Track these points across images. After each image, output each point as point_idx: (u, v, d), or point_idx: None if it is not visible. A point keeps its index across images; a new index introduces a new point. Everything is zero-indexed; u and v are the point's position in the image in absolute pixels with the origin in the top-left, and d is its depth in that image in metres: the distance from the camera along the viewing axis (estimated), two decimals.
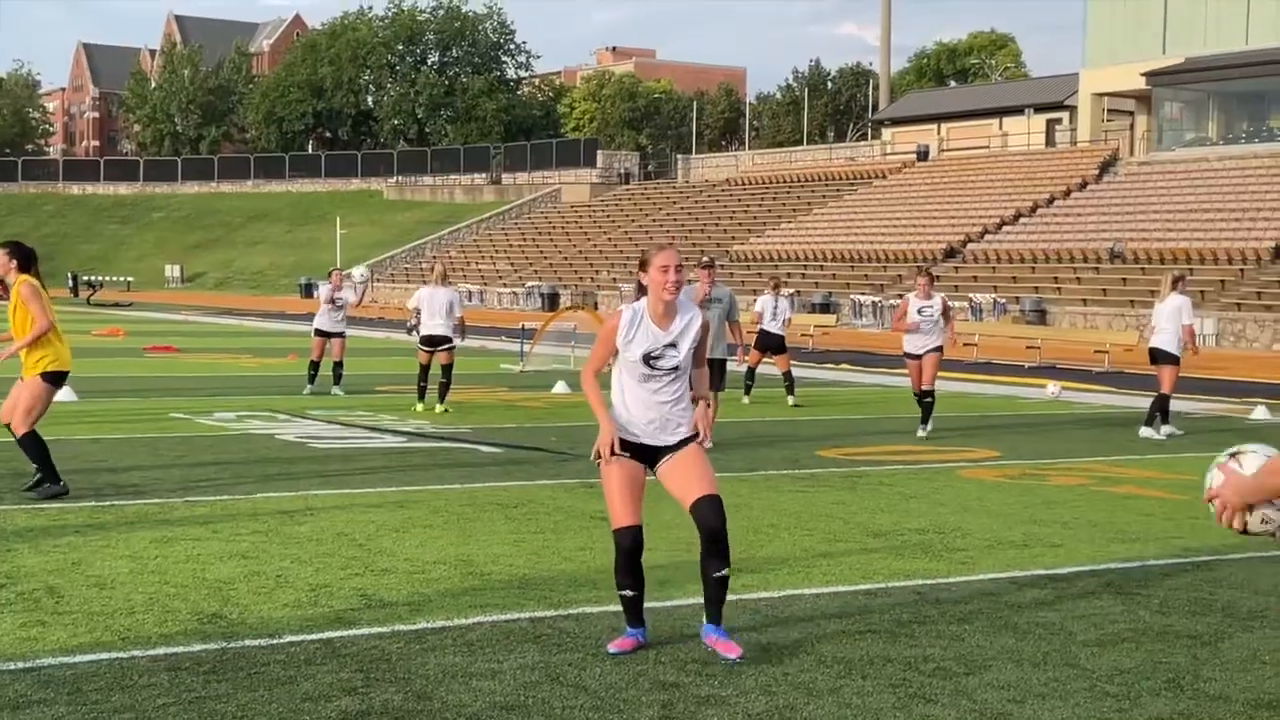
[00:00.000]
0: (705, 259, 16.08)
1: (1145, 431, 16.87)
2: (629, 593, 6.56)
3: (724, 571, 6.43)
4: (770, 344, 21.40)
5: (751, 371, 21.05)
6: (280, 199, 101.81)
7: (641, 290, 6.55)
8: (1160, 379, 16.94)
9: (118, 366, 25.51)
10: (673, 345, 6.45)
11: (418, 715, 5.53)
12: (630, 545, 6.50)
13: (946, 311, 16.75)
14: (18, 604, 7.20)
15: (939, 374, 17.14)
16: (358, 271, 43.13)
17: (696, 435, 6.60)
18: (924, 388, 16.50)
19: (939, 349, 16.62)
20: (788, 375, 20.98)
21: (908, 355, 16.75)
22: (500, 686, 5.92)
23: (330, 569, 8.18)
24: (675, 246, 6.65)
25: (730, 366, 16.73)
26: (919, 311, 16.52)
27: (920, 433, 16.33)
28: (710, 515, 6.42)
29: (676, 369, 6.47)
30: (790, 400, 20.40)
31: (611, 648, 6.48)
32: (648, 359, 6.44)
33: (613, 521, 6.57)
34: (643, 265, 6.51)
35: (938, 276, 16.00)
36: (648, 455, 6.59)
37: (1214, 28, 56.05)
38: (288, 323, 47.00)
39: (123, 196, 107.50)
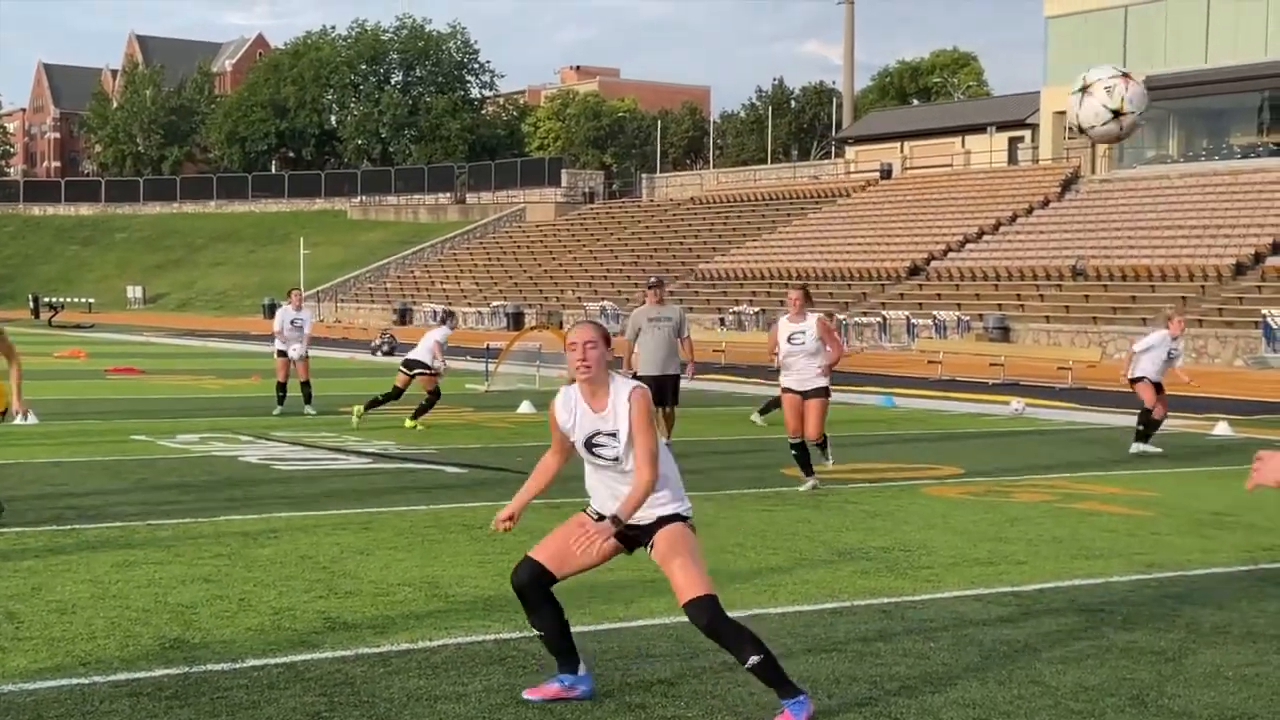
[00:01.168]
0: (652, 279, 16.44)
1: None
2: (538, 633, 6.12)
3: (746, 663, 5.70)
4: None
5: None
6: (243, 219, 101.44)
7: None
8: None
9: (79, 389, 25.33)
10: (612, 434, 5.86)
11: None
12: (517, 581, 6.06)
13: (829, 333, 13.28)
14: None
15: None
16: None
17: (675, 515, 5.93)
18: (813, 440, 13.30)
19: (824, 392, 13.18)
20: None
21: (785, 390, 13.32)
22: (465, 709, 5.89)
23: (294, 592, 8.13)
24: (594, 324, 5.99)
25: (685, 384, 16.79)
26: (789, 339, 13.05)
27: (826, 463, 14.04)
28: (697, 619, 5.73)
29: (618, 459, 5.87)
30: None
31: (527, 694, 6.03)
32: (588, 445, 5.94)
33: None
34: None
35: (810, 293, 13.79)
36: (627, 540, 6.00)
37: (1174, 46, 56.53)
38: (251, 344, 46.78)
39: (84, 217, 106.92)
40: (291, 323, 20.66)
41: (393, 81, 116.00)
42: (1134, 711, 6.05)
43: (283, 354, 20.80)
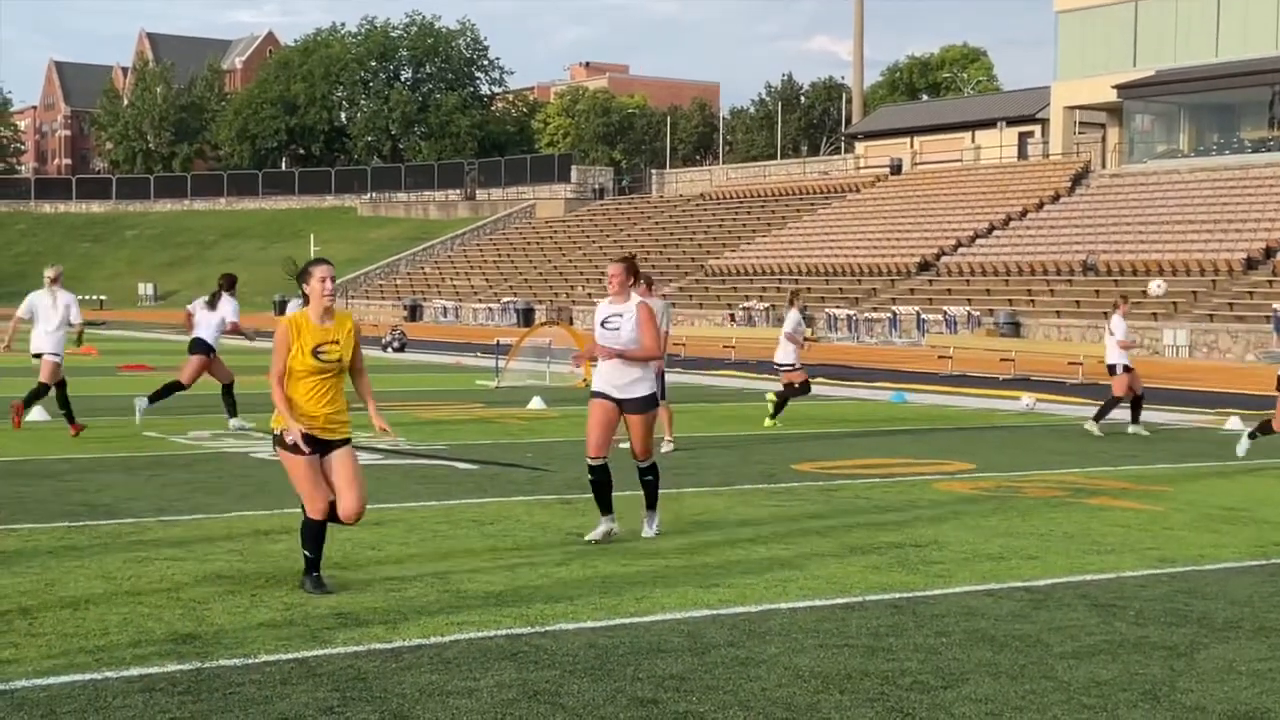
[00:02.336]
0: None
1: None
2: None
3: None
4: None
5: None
6: (253, 216, 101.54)
7: None
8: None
9: (91, 385, 25.37)
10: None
11: None
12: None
13: (647, 326, 9.91)
14: None
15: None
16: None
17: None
18: (638, 461, 10.20)
19: (650, 401, 10.03)
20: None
21: (593, 394, 10.14)
22: (477, 704, 5.90)
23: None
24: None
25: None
26: (603, 323, 10.00)
27: (647, 531, 10.23)
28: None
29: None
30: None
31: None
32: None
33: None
34: None
35: (639, 269, 10.18)
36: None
37: (1184, 40, 56.39)
38: (262, 340, 46.84)
39: (95, 215, 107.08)
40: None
41: (402, 78, 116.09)
42: (1146, 706, 6.04)
43: None
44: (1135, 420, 18.86)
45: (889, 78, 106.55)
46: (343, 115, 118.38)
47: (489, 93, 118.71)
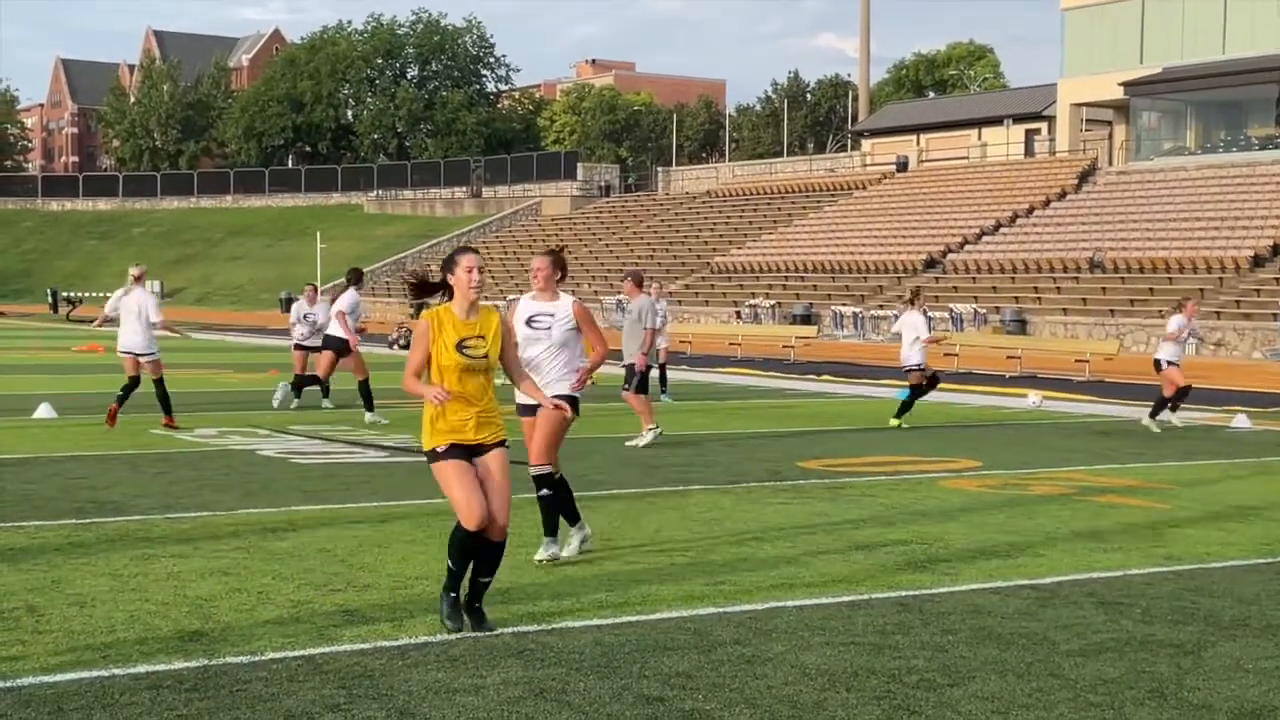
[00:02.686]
0: (632, 271, 17.38)
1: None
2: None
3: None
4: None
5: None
6: (260, 214, 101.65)
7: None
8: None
9: (97, 383, 25.39)
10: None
11: None
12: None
13: (592, 322, 9.45)
14: None
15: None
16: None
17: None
18: (533, 469, 9.35)
19: (570, 402, 9.15)
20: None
21: (519, 410, 9.54)
22: (483, 702, 5.90)
23: (312, 585, 8.15)
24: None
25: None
26: (528, 321, 9.32)
27: (541, 553, 9.08)
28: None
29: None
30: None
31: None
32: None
33: None
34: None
35: (563, 267, 9.19)
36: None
37: (1191, 38, 56.32)
38: (268, 338, 46.91)
39: (102, 212, 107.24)
40: (304, 317, 20.87)
41: (408, 76, 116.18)
42: (1153, 704, 6.04)
43: (300, 348, 20.95)
44: (1173, 409, 19.29)
45: (895, 75, 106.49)
46: (349, 113, 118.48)
47: (495, 90, 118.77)
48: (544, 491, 9.18)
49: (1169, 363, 19.01)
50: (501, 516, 7.29)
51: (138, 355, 17.19)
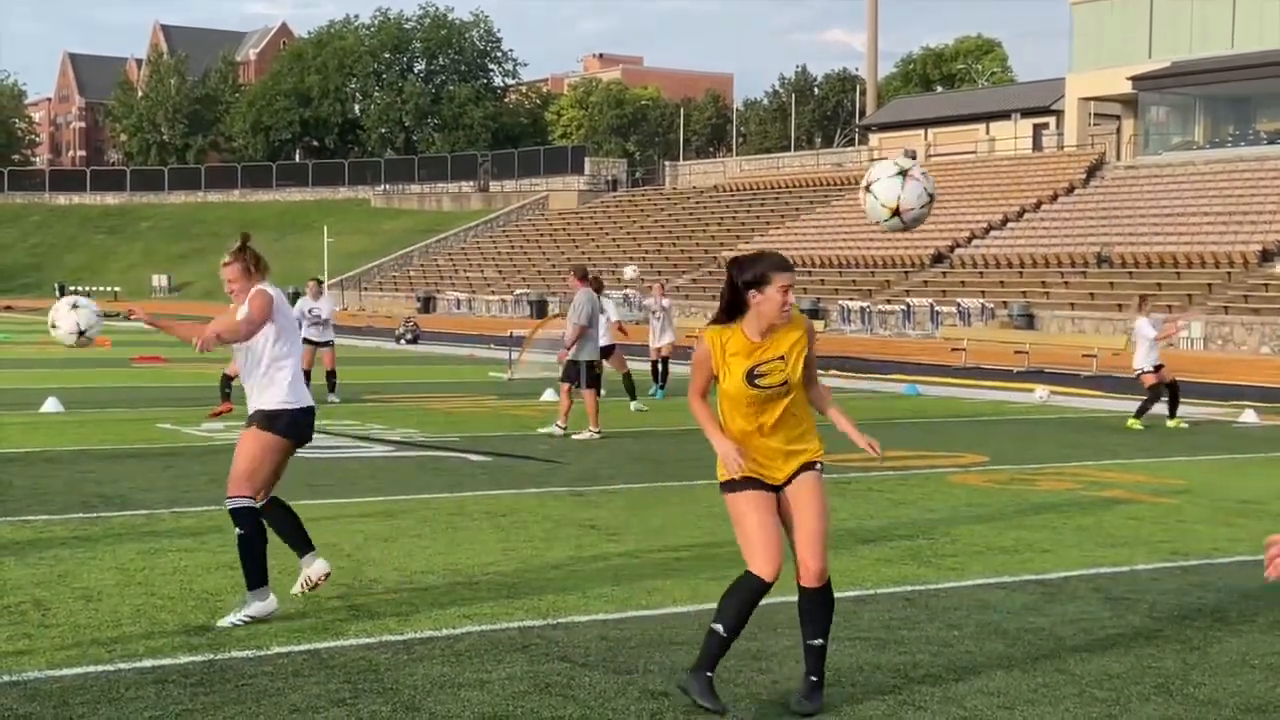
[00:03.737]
0: (578, 267, 17.20)
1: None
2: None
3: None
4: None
5: None
6: (267, 208, 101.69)
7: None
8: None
9: (105, 377, 25.44)
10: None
11: None
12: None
13: (257, 305, 7.70)
14: (4, 617, 7.17)
15: None
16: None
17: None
18: (228, 500, 7.65)
19: (259, 418, 7.77)
20: None
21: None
22: (488, 697, 5.90)
23: None
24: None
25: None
26: (309, 312, 8.67)
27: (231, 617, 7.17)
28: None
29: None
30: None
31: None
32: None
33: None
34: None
35: (260, 260, 7.52)
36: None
37: (1200, 32, 56.20)
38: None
39: (110, 206, 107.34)
40: (309, 311, 20.68)
41: (416, 70, 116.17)
42: (1159, 700, 6.03)
43: (307, 342, 20.92)
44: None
45: (903, 69, 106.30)
46: (356, 107, 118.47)
47: (502, 85, 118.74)
48: (239, 532, 7.38)
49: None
50: (819, 561, 6.05)
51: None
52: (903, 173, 7.15)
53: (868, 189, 7.31)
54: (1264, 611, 7.75)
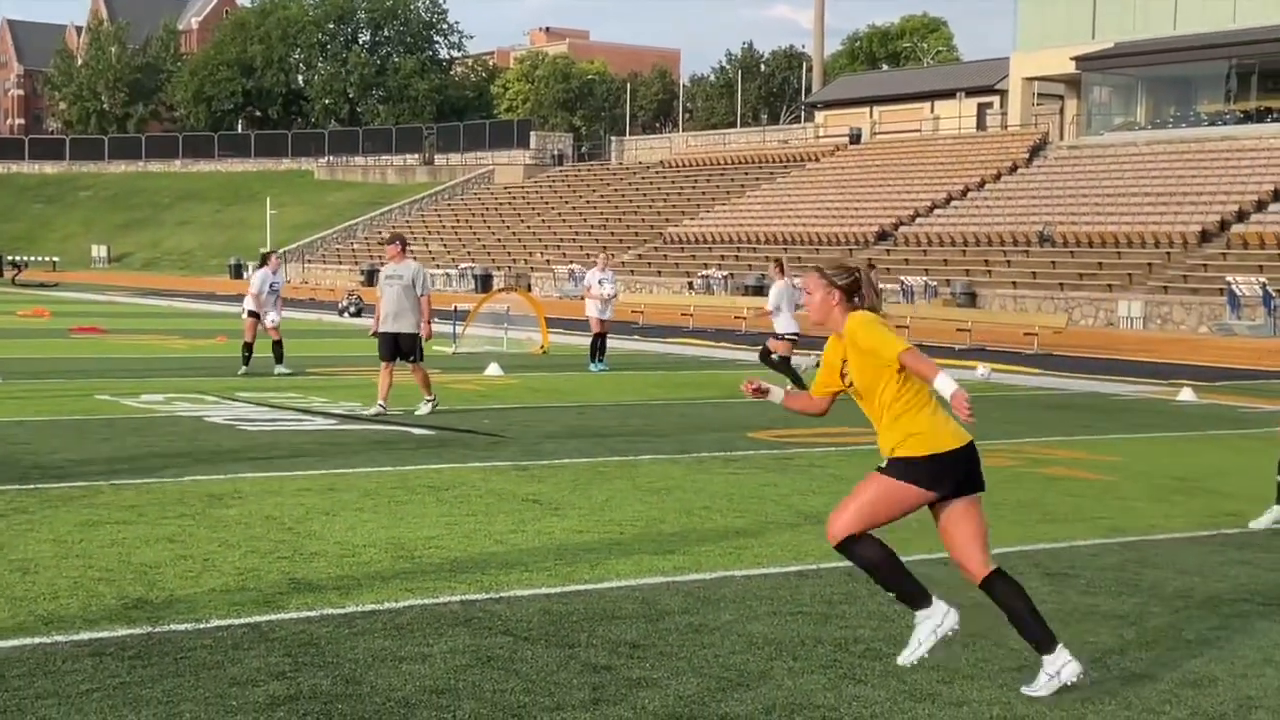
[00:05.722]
0: (388, 235, 16.59)
1: None
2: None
3: None
4: None
5: None
6: (209, 178, 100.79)
7: None
8: None
9: (43, 348, 25.16)
10: None
11: (347, 700, 5.48)
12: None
13: None
14: None
15: None
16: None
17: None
18: None
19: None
20: None
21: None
22: (430, 670, 5.88)
23: (258, 553, 8.10)
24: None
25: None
26: (273, 287, 12.21)
27: None
28: None
29: None
30: None
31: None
32: None
33: None
34: None
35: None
36: None
37: (1143, 13, 56.60)
38: (217, 304, 46.57)
39: (48, 175, 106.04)
40: (271, 286, 20.87)
41: (360, 41, 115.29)
42: (1096, 674, 6.09)
43: (254, 315, 20.86)
44: None
45: (849, 47, 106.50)
46: (300, 78, 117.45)
47: (448, 57, 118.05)
48: None
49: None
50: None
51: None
52: None
53: None
54: (1200, 588, 7.84)
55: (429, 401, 15.86)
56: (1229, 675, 6.15)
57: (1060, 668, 5.72)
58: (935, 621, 5.82)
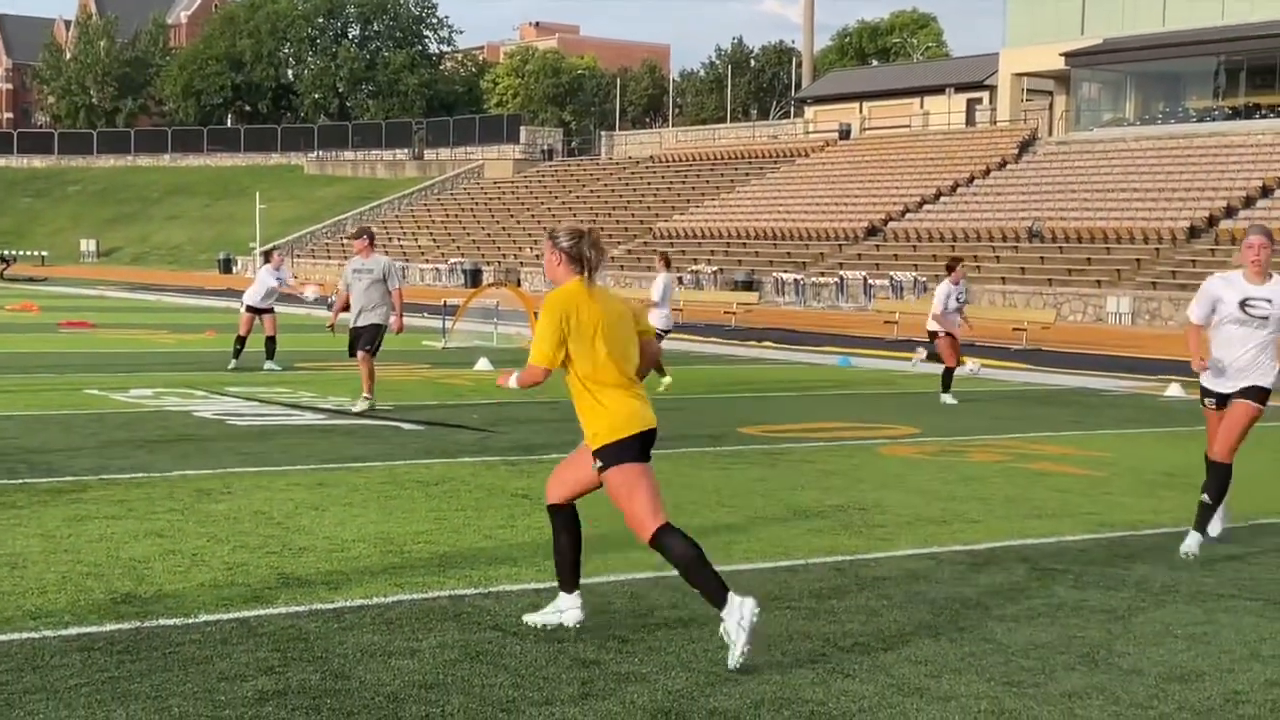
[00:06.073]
0: (357, 230, 16.42)
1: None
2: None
3: None
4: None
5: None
6: (198, 173, 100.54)
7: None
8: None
9: (32, 342, 25.11)
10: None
11: (335, 694, 5.48)
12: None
13: None
14: None
15: None
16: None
17: None
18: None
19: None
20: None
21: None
22: (419, 665, 5.89)
23: (247, 548, 8.10)
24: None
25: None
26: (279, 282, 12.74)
27: None
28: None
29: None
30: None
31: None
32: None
33: None
34: None
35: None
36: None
37: (1132, 9, 56.67)
38: (206, 298, 46.47)
39: (37, 169, 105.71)
40: (277, 280, 21.28)
41: (350, 36, 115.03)
42: (1084, 669, 6.11)
43: (251, 309, 21.01)
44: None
45: (839, 42, 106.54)
46: (290, 73, 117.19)
47: (437, 52, 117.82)
48: None
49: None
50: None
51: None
52: None
53: None
54: (1187, 582, 7.87)
55: (366, 400, 15.36)
56: (1216, 670, 6.17)
57: (742, 612, 5.89)
58: (738, 616, 5.93)
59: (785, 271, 51.17)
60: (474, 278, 59.88)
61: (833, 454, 12.89)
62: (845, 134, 68.05)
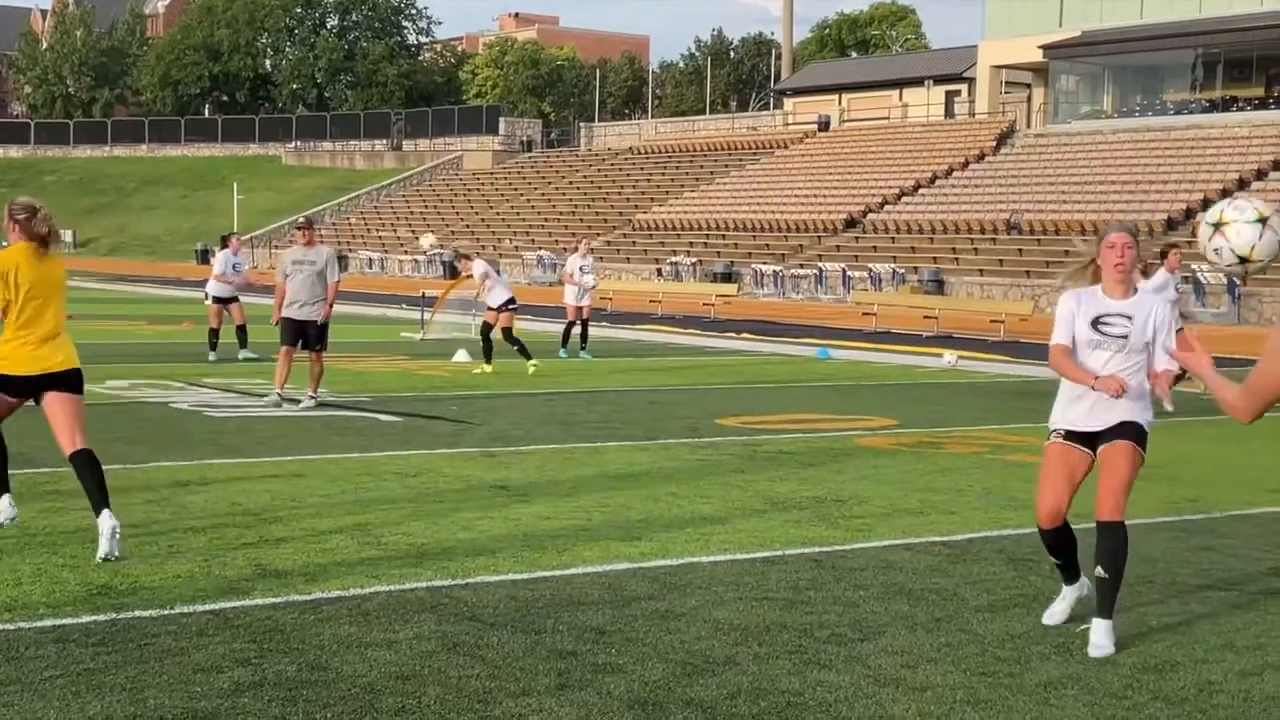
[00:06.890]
0: (300, 219, 16.03)
1: None
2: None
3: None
4: None
5: None
6: (176, 163, 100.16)
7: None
8: None
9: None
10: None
11: (312, 686, 5.48)
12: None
13: None
14: None
15: None
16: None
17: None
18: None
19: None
20: None
21: None
22: (396, 656, 5.88)
23: (224, 539, 8.08)
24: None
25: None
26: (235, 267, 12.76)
27: None
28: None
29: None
30: None
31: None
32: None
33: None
34: None
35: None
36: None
37: (1110, 2, 56.81)
38: (184, 289, 46.31)
39: (13, 159, 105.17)
40: (234, 267, 21.05)
41: (328, 26, 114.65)
42: (1059, 659, 6.14)
43: (218, 300, 20.88)
44: None
45: (818, 34, 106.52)
46: (268, 63, 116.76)
47: (416, 42, 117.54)
48: None
49: None
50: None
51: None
52: (1262, 220, 6.82)
53: (1218, 227, 6.82)
54: (1162, 574, 7.91)
55: (312, 398, 14.96)
56: (1190, 660, 6.21)
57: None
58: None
59: (764, 263, 51.20)
60: (452, 269, 59.73)
61: (810, 446, 12.91)
62: (824, 126, 68.11)
